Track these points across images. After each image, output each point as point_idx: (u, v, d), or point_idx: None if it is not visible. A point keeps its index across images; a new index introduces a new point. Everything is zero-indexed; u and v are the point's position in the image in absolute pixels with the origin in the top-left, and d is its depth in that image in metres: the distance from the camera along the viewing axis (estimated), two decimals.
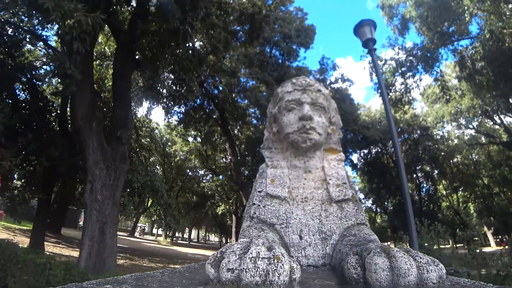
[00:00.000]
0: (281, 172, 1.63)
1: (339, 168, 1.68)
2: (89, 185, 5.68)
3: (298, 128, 1.55)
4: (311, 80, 1.65)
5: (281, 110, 1.65)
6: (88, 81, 6.16)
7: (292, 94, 1.61)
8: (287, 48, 18.87)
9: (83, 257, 5.46)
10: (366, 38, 6.85)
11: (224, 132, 20.47)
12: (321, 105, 1.62)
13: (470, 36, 14.33)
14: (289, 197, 1.55)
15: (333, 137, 1.78)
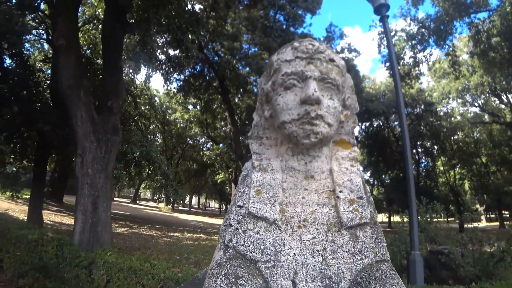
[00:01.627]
0: (271, 179, 1.17)
1: (354, 174, 1.21)
2: (80, 159, 5.47)
3: (299, 116, 1.06)
4: (320, 45, 1.11)
5: (276, 87, 1.14)
6: (73, 46, 5.69)
7: (292, 64, 1.09)
8: (292, 12, 17.81)
9: (76, 231, 5.39)
10: (379, 3, 6.27)
11: (224, 101, 20.00)
12: (333, 81, 1.09)
13: (489, 9, 13.37)
14: (280, 219, 1.11)
15: (346, 126, 1.28)
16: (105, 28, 6.85)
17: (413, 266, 4.69)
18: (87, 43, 11.96)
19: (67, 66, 5.41)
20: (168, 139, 34.44)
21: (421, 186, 27.37)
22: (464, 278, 5.56)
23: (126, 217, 19.19)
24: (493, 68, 14.72)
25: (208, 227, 21.42)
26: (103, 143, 5.73)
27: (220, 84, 19.24)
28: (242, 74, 18.75)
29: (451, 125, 28.15)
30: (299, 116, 1.06)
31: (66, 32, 5.28)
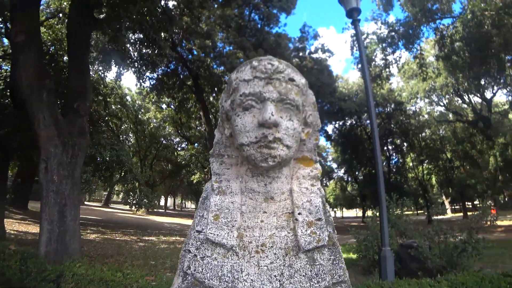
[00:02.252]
0: (230, 203, 1.15)
1: (314, 194, 1.20)
2: (43, 164, 5.11)
3: (257, 139, 1.03)
4: (280, 64, 1.07)
5: (235, 107, 1.10)
6: (34, 43, 5.30)
7: (251, 84, 1.06)
8: (267, 12, 17.86)
9: (42, 242, 5.03)
10: (351, 7, 6.42)
11: (198, 100, 19.70)
12: (293, 102, 1.07)
13: (453, 16, 14.18)
14: (238, 245, 1.09)
15: (308, 143, 1.26)
16: (71, 23, 6.45)
17: (384, 262, 4.86)
18: (51, 39, 11.26)
19: (27, 64, 5.03)
20: (141, 139, 33.43)
21: (392, 182, 28.61)
22: (431, 269, 5.87)
23: (98, 222, 18.39)
24: (456, 70, 15.64)
25: (184, 229, 21.05)
26: (69, 147, 5.40)
27: (194, 83, 18.93)
28: (216, 73, 18.56)
29: (419, 123, 29.63)
30: (257, 139, 1.03)
31: (27, 27, 4.90)
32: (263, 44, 17.36)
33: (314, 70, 17.82)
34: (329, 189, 51.83)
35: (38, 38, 5.49)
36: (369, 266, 7.38)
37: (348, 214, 63.30)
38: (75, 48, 6.35)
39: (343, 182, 44.71)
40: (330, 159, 43.53)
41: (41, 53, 5.66)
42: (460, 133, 29.17)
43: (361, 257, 7.90)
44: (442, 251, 6.14)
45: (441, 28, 14.45)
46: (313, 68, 17.98)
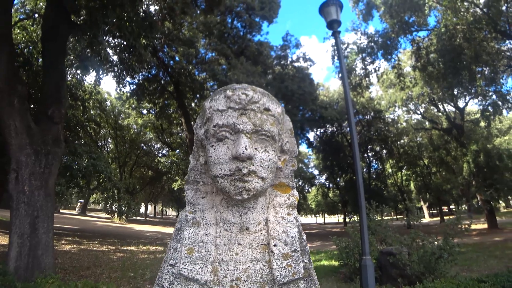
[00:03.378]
0: (204, 235, 1.12)
1: (290, 224, 1.17)
2: (14, 174, 4.82)
3: (231, 172, 1.01)
4: (255, 94, 1.06)
5: (209, 137, 1.08)
6: (5, 46, 5.05)
7: (225, 115, 1.04)
8: (249, 20, 17.99)
9: (12, 257, 4.70)
10: (331, 19, 6.59)
11: (179, 106, 19.44)
12: (268, 133, 1.05)
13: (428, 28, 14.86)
14: (212, 279, 1.05)
15: (285, 170, 1.25)
16: (47, 26, 6.22)
17: (364, 271, 4.92)
18: (25, 41, 10.80)
19: None
20: (121, 145, 32.53)
21: (372, 188, 29.25)
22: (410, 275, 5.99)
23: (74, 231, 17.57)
24: (432, 81, 16.32)
25: (165, 237, 20.51)
26: (42, 156, 5.14)
27: (175, 89, 18.69)
28: (198, 80, 18.42)
29: (398, 131, 30.58)
30: (231, 172, 1.01)
31: None
32: (245, 51, 17.44)
33: (296, 78, 18.05)
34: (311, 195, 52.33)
35: (10, 42, 5.23)
36: (350, 273, 7.44)
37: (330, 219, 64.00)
38: (51, 52, 6.11)
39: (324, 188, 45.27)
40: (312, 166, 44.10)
41: (12, 57, 5.39)
42: (436, 140, 30.32)
43: (342, 264, 7.97)
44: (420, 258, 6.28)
45: (417, 39, 15.12)
46: (295, 76, 18.21)
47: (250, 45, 17.26)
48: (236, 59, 15.08)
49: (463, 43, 13.47)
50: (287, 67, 19.87)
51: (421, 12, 13.99)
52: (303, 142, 31.40)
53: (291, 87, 16.99)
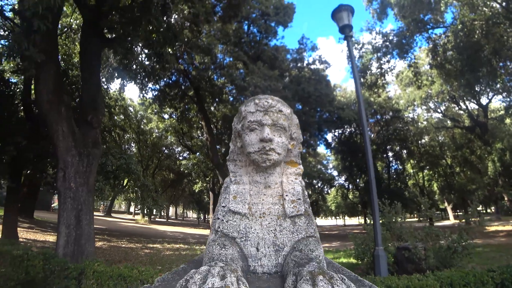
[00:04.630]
0: (242, 189, 1.74)
1: (296, 184, 1.77)
2: (61, 173, 5.53)
3: (259, 149, 1.61)
4: (273, 101, 1.68)
5: (244, 129, 1.69)
6: (53, 61, 5.78)
7: (254, 115, 1.65)
8: (264, 26, 18.48)
9: (60, 245, 5.41)
10: (343, 24, 6.92)
11: (200, 110, 20.19)
12: (281, 126, 1.65)
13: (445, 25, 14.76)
14: (248, 213, 1.67)
15: (294, 151, 1.84)
16: (83, 42, 6.97)
17: (377, 260, 5.21)
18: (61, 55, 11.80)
19: (46, 81, 5.51)
20: (143, 149, 33.81)
21: (392, 188, 28.78)
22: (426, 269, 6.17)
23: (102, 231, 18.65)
24: (450, 78, 16.13)
25: (187, 237, 21.27)
26: (84, 156, 5.83)
27: (196, 94, 19.44)
28: (217, 84, 19.09)
29: (418, 130, 29.98)
30: (259, 149, 1.62)
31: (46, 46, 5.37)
32: (261, 56, 17.93)
33: (312, 80, 18.33)
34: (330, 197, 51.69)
35: (56, 60, 5.98)
36: (367, 268, 7.65)
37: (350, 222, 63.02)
38: (88, 65, 6.84)
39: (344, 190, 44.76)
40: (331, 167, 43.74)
41: (58, 70, 6.14)
42: (458, 139, 29.49)
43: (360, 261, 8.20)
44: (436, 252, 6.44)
45: (433, 37, 15.01)
46: (311, 79, 18.50)
47: (266, 50, 17.75)
48: (253, 64, 15.61)
49: (481, 39, 13.32)
50: (304, 69, 20.18)
51: (437, 9, 13.96)
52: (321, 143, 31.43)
53: (307, 89, 17.30)
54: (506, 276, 4.57)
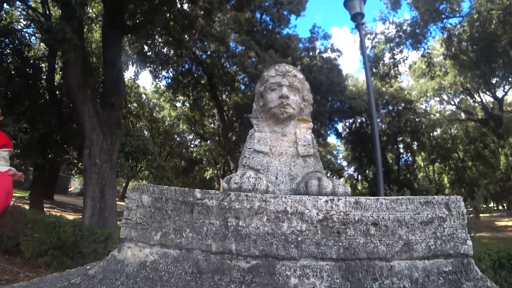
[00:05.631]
0: (264, 135, 2.14)
1: (307, 134, 2.19)
2: (87, 150, 6.02)
3: (278, 104, 2.02)
4: (289, 67, 2.11)
5: (266, 90, 2.10)
6: (80, 47, 6.21)
7: (274, 78, 2.07)
8: (277, 14, 18.45)
9: (86, 216, 5.94)
10: (355, 12, 7.08)
11: (212, 98, 20.51)
12: (296, 87, 2.08)
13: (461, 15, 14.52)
14: (269, 152, 2.08)
15: (305, 111, 2.25)
16: (105, 30, 7.37)
17: None
18: None
19: (75, 66, 5.94)
20: (156, 136, 34.51)
21: (401, 180, 28.72)
22: None
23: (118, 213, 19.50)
24: (464, 69, 15.93)
25: None
26: (108, 135, 6.30)
27: (209, 82, 19.74)
28: (229, 72, 19.32)
29: (430, 122, 29.63)
30: (278, 104, 2.05)
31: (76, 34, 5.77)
32: (274, 44, 17.98)
33: (324, 69, 18.35)
34: None
35: (83, 47, 6.41)
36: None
37: None
38: (109, 51, 7.25)
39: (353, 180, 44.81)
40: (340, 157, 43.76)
41: (85, 55, 6.57)
42: (472, 132, 29.03)
43: None
44: None
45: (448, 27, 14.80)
46: (322, 67, 18.51)
47: (279, 38, 17.83)
48: (265, 52, 15.78)
49: (498, 29, 13.09)
50: (315, 58, 20.15)
51: None
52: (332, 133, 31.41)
53: (319, 77, 17.37)
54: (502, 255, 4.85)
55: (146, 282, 1.18)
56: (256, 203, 1.30)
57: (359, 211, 1.26)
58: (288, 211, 1.28)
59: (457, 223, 1.26)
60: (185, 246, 1.27)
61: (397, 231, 1.22)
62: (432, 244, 1.21)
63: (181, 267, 1.22)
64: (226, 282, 1.16)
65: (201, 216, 1.31)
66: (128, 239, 1.33)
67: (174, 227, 1.30)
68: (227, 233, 1.26)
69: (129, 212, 1.37)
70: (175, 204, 1.34)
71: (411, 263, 1.17)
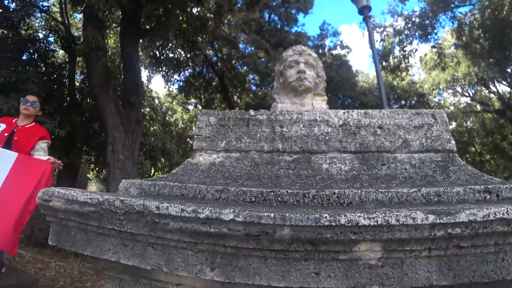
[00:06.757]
0: (286, 105, 2.38)
1: (323, 104, 2.43)
2: (110, 147, 6.39)
3: (297, 78, 2.27)
4: (305, 47, 2.38)
5: (285, 67, 2.36)
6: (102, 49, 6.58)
7: (292, 56, 2.33)
8: (285, 13, 18.71)
9: None
10: (362, 5, 7.22)
11: (224, 98, 20.89)
12: (311, 64, 2.33)
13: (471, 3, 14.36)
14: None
15: (320, 86, 2.49)
16: (122, 33, 7.78)
17: None
18: None
19: (97, 67, 6.34)
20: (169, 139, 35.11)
21: None
22: None
23: None
24: (477, 58, 15.70)
25: None
26: (129, 133, 6.66)
27: (220, 82, 20.12)
28: (240, 73, 19.65)
29: None
30: (296, 78, 2.30)
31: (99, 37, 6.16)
32: (282, 43, 18.20)
33: (333, 65, 18.45)
34: None
35: (105, 46, 6.79)
36: None
37: None
38: (128, 54, 7.65)
39: None
40: None
41: (106, 59, 6.97)
42: (489, 124, 28.31)
43: None
44: None
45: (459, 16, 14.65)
46: (332, 64, 18.62)
47: (288, 37, 18.05)
48: (275, 50, 16.02)
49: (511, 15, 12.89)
50: (325, 55, 20.27)
51: None
52: None
53: (329, 74, 17.46)
54: None
55: (217, 173, 1.55)
56: (294, 115, 1.75)
57: (368, 118, 1.63)
58: (317, 120, 1.68)
59: (442, 128, 1.59)
60: (244, 149, 1.66)
61: (397, 132, 1.56)
62: (424, 142, 1.54)
63: (242, 163, 1.60)
64: (276, 169, 1.54)
65: (255, 127, 1.72)
66: (199, 149, 1.70)
67: (235, 136, 1.70)
68: (275, 137, 1.66)
69: (199, 130, 1.76)
70: (235, 120, 1.75)
71: (409, 155, 1.50)
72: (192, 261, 0.98)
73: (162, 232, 0.99)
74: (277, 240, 0.89)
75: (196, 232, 0.94)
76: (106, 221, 1.06)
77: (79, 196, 1.09)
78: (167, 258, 1.00)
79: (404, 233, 0.87)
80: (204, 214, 0.91)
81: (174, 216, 0.94)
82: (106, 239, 1.11)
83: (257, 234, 0.88)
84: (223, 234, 0.91)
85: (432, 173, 1.42)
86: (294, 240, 0.89)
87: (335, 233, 0.86)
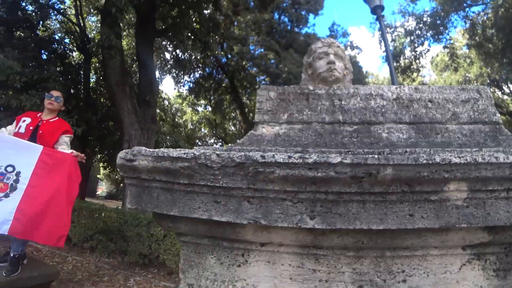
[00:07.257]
0: None
1: None
2: (126, 144, 6.53)
3: (327, 69, 2.30)
4: (333, 40, 2.43)
5: (314, 59, 2.40)
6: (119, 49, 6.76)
7: (321, 48, 2.37)
8: (295, 14, 18.75)
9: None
10: (375, 5, 7.21)
11: (234, 99, 21.00)
12: (340, 55, 2.36)
13: (484, 2, 14.19)
14: None
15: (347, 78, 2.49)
16: (138, 34, 7.96)
17: None
18: None
19: (114, 66, 6.50)
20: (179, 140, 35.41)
21: None
22: None
23: None
24: (490, 58, 15.47)
25: None
26: (144, 130, 6.80)
27: (230, 84, 20.23)
28: (250, 74, 19.73)
29: None
30: (326, 69, 2.32)
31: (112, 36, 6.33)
32: (293, 44, 18.27)
33: None
34: None
35: (121, 46, 6.98)
36: None
37: None
38: (143, 54, 7.82)
39: None
40: None
41: (122, 57, 7.14)
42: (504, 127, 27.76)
43: None
44: None
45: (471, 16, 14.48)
46: None
47: (298, 38, 18.09)
48: (285, 51, 16.07)
49: None
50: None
51: None
52: None
53: None
54: None
55: (284, 142, 1.64)
56: (351, 90, 1.84)
57: (419, 93, 1.72)
58: (372, 94, 1.77)
59: (487, 102, 1.68)
60: (306, 120, 1.76)
61: (446, 106, 1.67)
62: (472, 114, 1.64)
63: (306, 133, 1.71)
64: (340, 137, 1.64)
65: (314, 100, 1.83)
66: (261, 122, 1.78)
67: (296, 109, 1.80)
68: (335, 109, 1.77)
69: (260, 104, 1.84)
70: (295, 95, 1.85)
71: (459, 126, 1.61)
72: (292, 212, 1.03)
73: (262, 184, 1.01)
74: (378, 181, 0.96)
75: (301, 179, 0.97)
76: (199, 177, 1.06)
77: (171, 152, 1.11)
78: (265, 211, 1.04)
79: (489, 171, 0.98)
80: (312, 159, 0.95)
81: (281, 164, 0.97)
82: (195, 197, 1.12)
83: (362, 175, 0.95)
84: (329, 179, 0.96)
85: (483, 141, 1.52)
86: (393, 181, 0.96)
87: (430, 171, 0.95)
